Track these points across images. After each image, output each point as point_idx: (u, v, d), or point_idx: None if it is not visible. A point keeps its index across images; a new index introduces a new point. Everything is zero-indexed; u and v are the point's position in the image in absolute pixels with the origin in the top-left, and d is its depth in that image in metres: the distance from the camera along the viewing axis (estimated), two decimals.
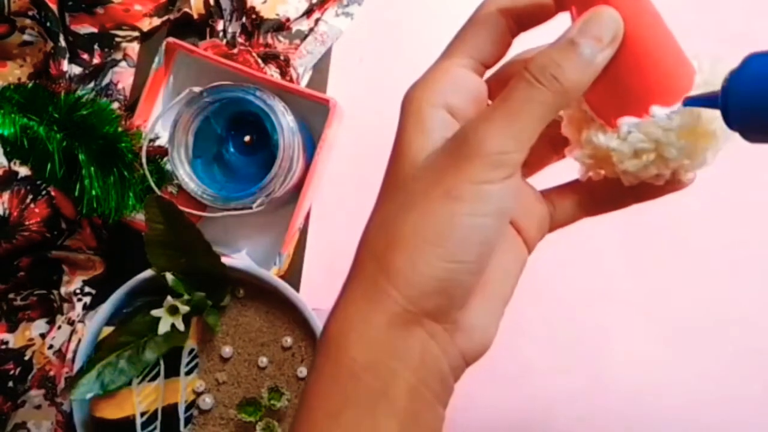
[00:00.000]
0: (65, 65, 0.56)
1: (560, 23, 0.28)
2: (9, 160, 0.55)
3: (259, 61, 0.55)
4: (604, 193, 0.30)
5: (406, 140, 0.28)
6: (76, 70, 0.57)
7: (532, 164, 0.31)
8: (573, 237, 0.33)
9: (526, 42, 0.31)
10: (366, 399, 0.26)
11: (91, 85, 0.58)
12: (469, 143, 0.26)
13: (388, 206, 0.28)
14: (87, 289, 0.56)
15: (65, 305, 0.56)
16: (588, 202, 0.31)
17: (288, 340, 0.51)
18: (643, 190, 0.29)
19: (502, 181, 0.26)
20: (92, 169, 0.48)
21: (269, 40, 0.56)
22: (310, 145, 0.54)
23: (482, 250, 0.26)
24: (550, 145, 0.31)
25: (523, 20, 0.29)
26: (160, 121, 0.54)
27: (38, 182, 0.55)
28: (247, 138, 0.54)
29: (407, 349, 0.26)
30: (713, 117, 0.27)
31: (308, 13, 0.57)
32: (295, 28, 0.57)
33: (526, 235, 0.30)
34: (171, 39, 0.55)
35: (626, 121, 0.28)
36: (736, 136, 0.25)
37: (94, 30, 0.58)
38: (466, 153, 0.26)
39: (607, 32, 0.26)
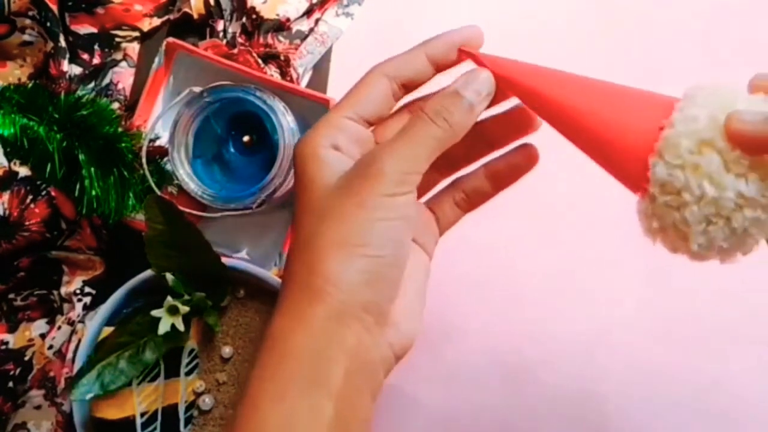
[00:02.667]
0: (65, 65, 0.56)
1: None
2: (9, 160, 0.55)
3: (259, 61, 0.55)
4: (472, 189, 0.38)
5: (309, 176, 0.33)
6: (76, 70, 0.57)
7: (423, 186, 0.36)
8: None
9: None
10: (307, 382, 0.30)
11: (91, 85, 0.58)
12: (377, 164, 0.32)
13: (307, 226, 0.33)
14: (87, 290, 0.56)
15: (65, 305, 0.56)
16: (462, 201, 0.38)
17: None
18: (503, 178, 0.38)
19: (404, 194, 0.32)
20: (92, 169, 0.48)
21: (269, 41, 0.56)
22: None
23: (396, 245, 0.32)
24: (436, 170, 0.37)
25: (406, 85, 0.35)
26: (160, 121, 0.54)
27: (38, 182, 0.55)
28: (246, 138, 0.54)
29: (344, 338, 0.31)
30: None
31: (308, 13, 0.57)
32: (295, 28, 0.57)
33: (424, 245, 0.37)
34: (171, 39, 0.55)
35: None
36: None
37: (94, 30, 0.58)
38: (375, 172, 0.32)
39: (484, 88, 0.34)
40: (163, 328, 0.49)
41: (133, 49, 0.59)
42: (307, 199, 0.33)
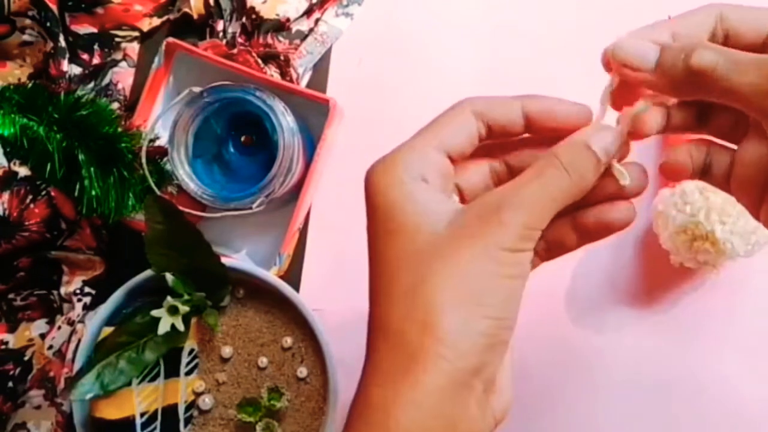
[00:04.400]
0: (65, 65, 0.56)
1: None
2: (9, 160, 0.55)
3: (259, 61, 0.55)
4: (554, 239, 0.32)
5: (399, 210, 0.29)
6: (76, 70, 0.57)
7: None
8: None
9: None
10: None
11: (91, 85, 0.58)
12: (505, 212, 0.28)
13: (409, 273, 0.28)
14: (87, 290, 0.56)
15: (65, 305, 0.56)
16: (542, 250, 0.32)
17: (288, 341, 0.51)
18: (591, 233, 0.32)
19: (527, 252, 0.28)
20: (92, 169, 0.48)
21: (269, 40, 0.56)
22: (310, 145, 0.54)
23: (515, 307, 0.28)
24: None
25: (492, 128, 0.31)
26: (160, 121, 0.54)
27: (38, 182, 0.55)
28: (245, 138, 0.54)
29: (453, 416, 0.27)
30: None
31: (308, 13, 0.57)
32: (295, 28, 0.57)
33: None
34: (171, 39, 0.55)
35: None
36: None
37: (94, 30, 0.58)
38: (501, 220, 0.28)
39: (612, 148, 0.30)
40: (163, 328, 0.49)
41: (133, 49, 0.59)
42: (402, 240, 0.29)
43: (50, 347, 0.54)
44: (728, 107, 0.28)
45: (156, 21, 0.59)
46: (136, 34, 0.59)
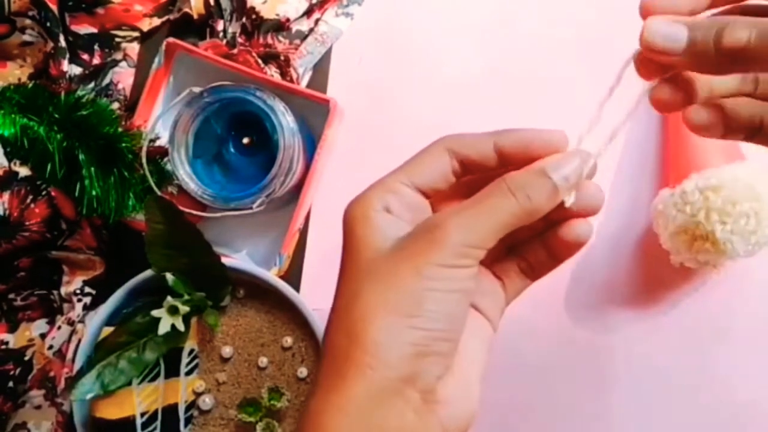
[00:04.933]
0: (65, 65, 0.56)
1: None
2: (9, 160, 0.55)
3: (259, 61, 0.55)
4: (533, 259, 0.34)
5: (358, 237, 0.31)
6: (76, 70, 0.57)
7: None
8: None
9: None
10: None
11: (91, 85, 0.58)
12: (440, 231, 0.29)
13: (352, 288, 0.30)
14: (87, 290, 0.56)
15: (65, 305, 0.56)
16: (527, 269, 0.34)
17: (288, 341, 0.51)
18: (558, 253, 0.34)
19: (466, 268, 0.29)
20: (92, 169, 0.48)
21: (269, 40, 0.56)
22: (311, 145, 0.54)
23: (451, 320, 0.29)
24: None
25: (466, 165, 0.32)
26: (160, 122, 0.54)
27: (38, 182, 0.55)
28: (246, 139, 0.54)
29: (383, 421, 0.27)
30: None
31: (308, 13, 0.57)
32: (295, 28, 0.57)
33: (488, 315, 0.33)
34: (171, 39, 0.55)
35: None
36: None
37: (94, 30, 0.58)
38: (437, 239, 0.29)
39: (573, 176, 0.31)
40: (163, 328, 0.49)
41: (133, 49, 0.59)
42: (354, 260, 0.30)
43: (50, 347, 0.54)
44: None
45: (156, 21, 0.59)
46: (136, 34, 0.59)
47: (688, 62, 0.29)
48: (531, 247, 0.34)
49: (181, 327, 0.49)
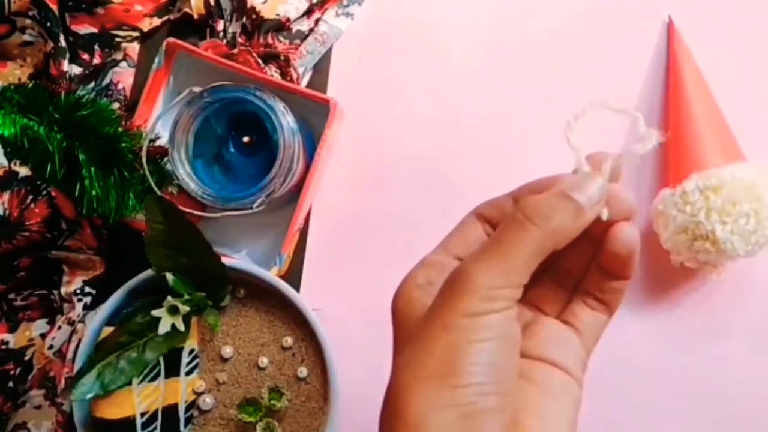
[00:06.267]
0: (65, 65, 0.56)
1: None
2: (9, 160, 0.55)
3: (260, 61, 0.55)
4: (597, 289, 0.32)
5: (400, 312, 0.30)
6: (77, 70, 0.57)
7: (551, 301, 0.33)
8: None
9: None
10: None
11: (92, 85, 0.58)
12: (461, 280, 0.27)
13: (394, 364, 0.29)
14: (87, 289, 0.56)
15: (65, 305, 0.56)
16: (595, 304, 0.32)
17: (288, 340, 0.51)
18: (615, 270, 0.31)
19: (498, 312, 0.27)
20: (92, 169, 0.48)
21: (269, 40, 0.56)
22: (311, 145, 0.54)
23: (494, 370, 0.26)
24: (556, 282, 0.33)
25: (494, 225, 0.32)
26: (160, 121, 0.54)
27: (38, 182, 0.55)
28: (246, 139, 0.54)
29: None
30: None
31: (308, 13, 0.57)
32: (295, 28, 0.57)
33: (566, 367, 0.30)
34: (171, 39, 0.55)
35: None
36: None
37: (95, 30, 0.58)
38: (458, 288, 0.27)
39: (596, 193, 0.29)
40: (163, 327, 0.49)
41: (133, 49, 0.59)
42: (396, 336, 0.30)
43: (50, 347, 0.54)
44: None
45: (156, 21, 0.59)
46: (137, 34, 0.59)
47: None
48: (591, 278, 0.32)
49: (181, 327, 0.49)
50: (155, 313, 0.49)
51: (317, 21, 0.58)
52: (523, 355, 0.30)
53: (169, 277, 0.49)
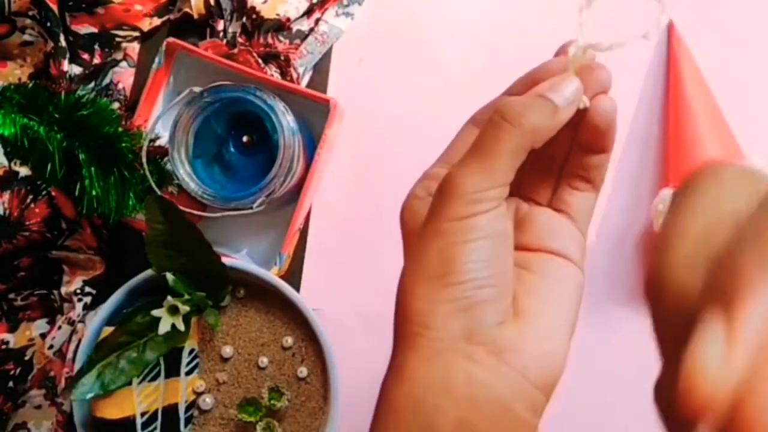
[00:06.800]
0: (65, 65, 0.56)
1: None
2: (9, 160, 0.55)
3: (260, 61, 0.55)
4: (584, 164, 0.32)
5: (405, 226, 0.31)
6: (77, 70, 0.57)
7: (538, 190, 0.33)
8: None
9: None
10: None
11: (92, 85, 0.58)
12: (447, 187, 0.29)
13: (402, 272, 0.30)
14: (87, 289, 0.56)
15: (65, 305, 0.56)
16: (582, 183, 0.32)
17: (288, 340, 0.51)
18: (596, 143, 0.32)
19: (486, 213, 0.28)
20: (92, 169, 0.48)
21: (269, 40, 0.56)
22: (311, 145, 0.54)
23: (486, 266, 0.28)
24: (542, 171, 0.33)
25: None
26: (160, 121, 0.54)
27: (38, 182, 0.55)
28: (245, 139, 0.54)
29: (447, 381, 0.27)
30: None
31: (308, 13, 0.57)
32: (295, 28, 0.57)
33: (566, 253, 0.31)
34: (171, 39, 0.55)
35: None
36: None
37: (95, 30, 0.58)
38: (445, 195, 0.28)
39: (570, 93, 0.29)
40: (164, 327, 0.49)
41: (133, 49, 0.59)
42: (405, 247, 0.31)
43: (51, 347, 0.54)
44: None
45: (156, 21, 0.59)
46: (137, 34, 0.59)
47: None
48: (573, 159, 0.32)
49: (181, 327, 0.49)
50: (155, 313, 0.49)
51: (317, 21, 0.58)
52: (523, 248, 0.31)
53: (169, 277, 0.49)
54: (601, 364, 0.54)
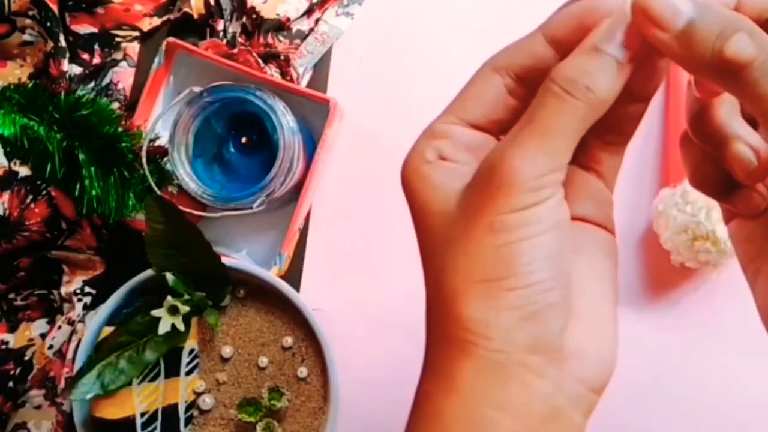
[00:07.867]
0: (65, 65, 0.56)
1: None
2: (9, 160, 0.55)
3: (260, 61, 0.55)
4: (618, 114, 0.26)
5: (420, 198, 0.26)
6: (77, 70, 0.57)
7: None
8: None
9: None
10: None
11: (91, 85, 0.58)
12: (501, 174, 0.24)
13: (434, 261, 0.26)
14: (87, 289, 0.56)
15: (65, 305, 0.56)
16: (611, 137, 0.28)
17: (288, 340, 0.51)
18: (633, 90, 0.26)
19: (545, 201, 0.24)
20: (92, 169, 0.48)
21: (269, 40, 0.56)
22: (311, 145, 0.54)
23: (550, 265, 0.24)
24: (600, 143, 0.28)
25: (523, 78, 0.27)
26: (160, 121, 0.54)
27: (38, 182, 0.55)
28: (244, 139, 0.54)
29: (503, 394, 0.24)
30: None
31: (308, 13, 0.57)
32: (295, 28, 0.57)
33: (599, 220, 0.27)
34: (171, 39, 0.55)
35: None
36: None
37: (95, 30, 0.58)
38: (499, 184, 0.24)
39: (634, 39, 0.24)
40: (163, 327, 0.49)
41: (133, 49, 0.59)
42: (426, 230, 0.26)
43: (50, 347, 0.54)
44: None
45: (156, 21, 0.59)
46: (137, 34, 0.59)
47: (676, 51, 0.23)
48: (610, 108, 0.26)
49: (181, 327, 0.49)
50: (155, 313, 0.49)
51: (317, 21, 0.58)
52: None
53: (169, 277, 0.49)
54: None
